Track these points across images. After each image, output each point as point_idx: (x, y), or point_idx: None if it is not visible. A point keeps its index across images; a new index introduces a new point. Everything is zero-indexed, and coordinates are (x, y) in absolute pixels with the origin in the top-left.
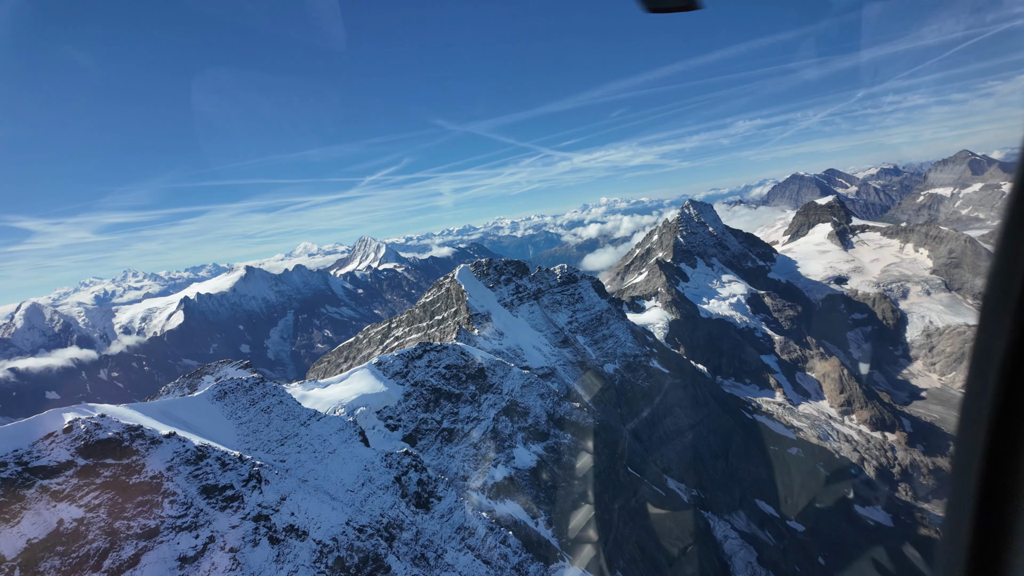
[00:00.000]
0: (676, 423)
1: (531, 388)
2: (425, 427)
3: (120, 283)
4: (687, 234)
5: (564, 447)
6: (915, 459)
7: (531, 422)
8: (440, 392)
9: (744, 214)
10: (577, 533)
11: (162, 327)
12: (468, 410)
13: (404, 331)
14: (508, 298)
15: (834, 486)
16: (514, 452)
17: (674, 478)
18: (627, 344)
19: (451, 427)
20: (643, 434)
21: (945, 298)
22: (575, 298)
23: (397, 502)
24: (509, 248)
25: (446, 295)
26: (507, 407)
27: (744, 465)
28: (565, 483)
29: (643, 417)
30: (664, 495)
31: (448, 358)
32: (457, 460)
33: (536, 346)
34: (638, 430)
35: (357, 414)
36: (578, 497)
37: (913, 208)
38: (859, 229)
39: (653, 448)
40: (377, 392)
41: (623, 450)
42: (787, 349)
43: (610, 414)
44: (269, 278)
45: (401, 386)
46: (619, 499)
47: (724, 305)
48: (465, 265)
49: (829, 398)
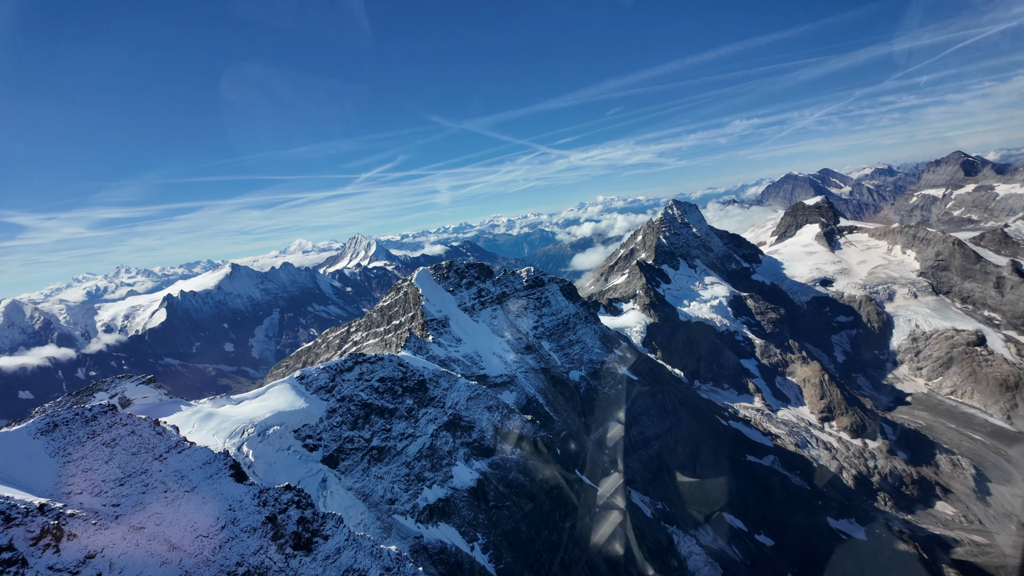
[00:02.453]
0: (643, 432)
1: (478, 400)
2: (350, 446)
3: (112, 279)
4: (670, 235)
5: (511, 463)
6: (896, 468)
7: (475, 437)
8: (371, 407)
9: (736, 214)
10: (520, 556)
11: (144, 325)
12: (403, 426)
13: (362, 336)
14: (469, 302)
15: (807, 497)
16: (453, 471)
17: (638, 491)
18: (595, 350)
19: (381, 445)
20: (607, 444)
21: (932, 301)
22: (542, 302)
23: (265, 546)
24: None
25: (404, 299)
26: (449, 422)
27: (713, 476)
28: (510, 502)
29: (608, 426)
30: (625, 509)
31: (383, 370)
32: (385, 481)
33: (497, 352)
34: (603, 440)
35: (269, 434)
36: (524, 516)
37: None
38: (847, 230)
39: (617, 459)
40: (296, 409)
41: (584, 462)
42: (768, 353)
43: (573, 424)
44: (255, 276)
45: (325, 402)
46: (571, 517)
47: (705, 308)
48: (424, 268)
49: (809, 404)
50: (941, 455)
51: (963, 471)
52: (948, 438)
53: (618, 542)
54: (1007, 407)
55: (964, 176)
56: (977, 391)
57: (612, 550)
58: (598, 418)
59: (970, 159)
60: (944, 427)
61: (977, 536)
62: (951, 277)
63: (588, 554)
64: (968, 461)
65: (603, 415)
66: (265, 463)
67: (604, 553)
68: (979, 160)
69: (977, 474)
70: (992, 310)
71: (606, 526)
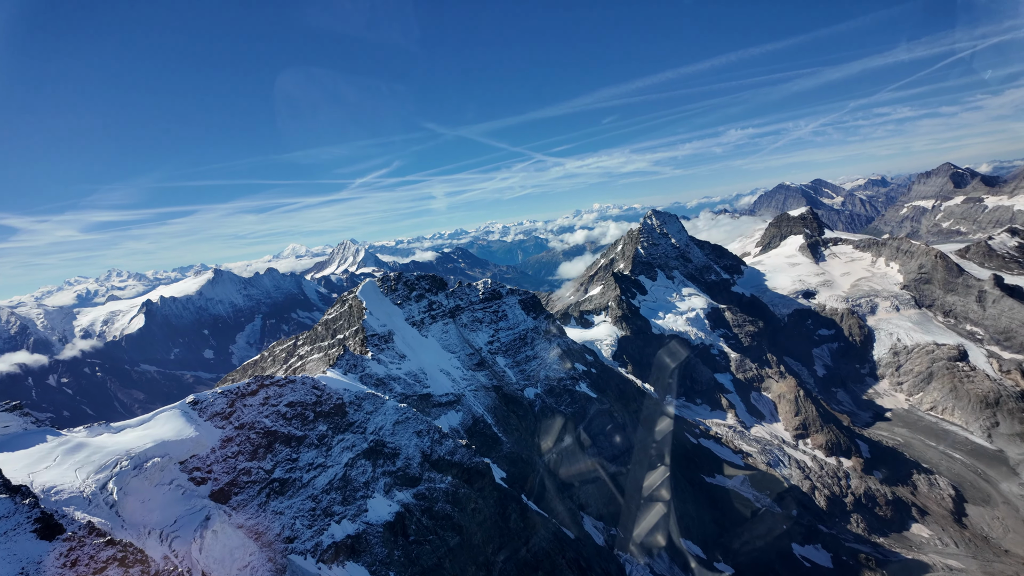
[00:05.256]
0: (599, 453)
1: (406, 425)
2: (246, 479)
3: (104, 282)
4: (648, 245)
5: (439, 493)
6: (871, 488)
7: (400, 465)
8: (275, 435)
9: (727, 223)
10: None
11: (122, 331)
12: (312, 455)
13: (307, 350)
14: (419, 316)
15: (771, 522)
16: (369, 503)
17: (592, 516)
18: (552, 366)
19: (284, 477)
20: (562, 466)
21: (914, 315)
22: (498, 316)
23: None
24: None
25: (349, 312)
26: (369, 449)
27: (672, 500)
28: (434, 536)
29: (563, 447)
30: (572, 538)
31: (293, 394)
32: (286, 517)
33: (445, 369)
34: (556, 462)
35: (148, 467)
36: (448, 551)
37: (896, 220)
38: (832, 242)
39: (571, 483)
40: (184, 438)
41: (532, 486)
42: (743, 367)
43: (524, 445)
44: (238, 281)
45: (220, 429)
46: (506, 549)
47: (681, 320)
48: (372, 279)
49: (784, 420)
50: (919, 474)
51: (940, 491)
52: (927, 456)
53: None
54: (987, 424)
55: (954, 188)
56: (958, 407)
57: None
58: (551, 439)
59: (959, 171)
60: (923, 444)
61: (952, 561)
62: (934, 290)
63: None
64: (946, 481)
65: (557, 435)
66: (137, 501)
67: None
68: (968, 172)
69: (955, 495)
70: (974, 324)
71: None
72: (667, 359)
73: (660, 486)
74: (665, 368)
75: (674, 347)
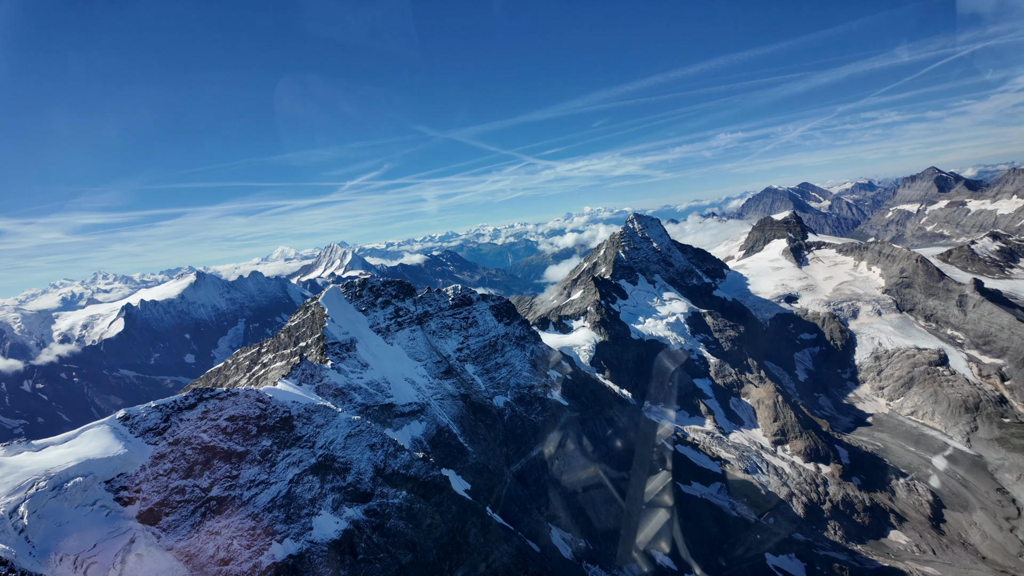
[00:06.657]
0: (569, 463)
1: (359, 438)
2: (179, 498)
3: (89, 285)
4: (629, 249)
5: (392, 509)
6: (849, 494)
7: (350, 481)
8: (214, 451)
9: (713, 227)
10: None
11: (101, 335)
12: (254, 472)
13: (271, 358)
14: (384, 323)
15: (744, 531)
16: (314, 521)
17: (561, 527)
18: (523, 374)
19: (222, 495)
20: (530, 477)
21: (896, 319)
22: (468, 322)
23: None
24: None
25: (311, 319)
26: (318, 464)
27: (643, 509)
28: (385, 554)
29: (532, 457)
30: (537, 551)
31: (235, 407)
32: (222, 538)
33: (410, 378)
34: (524, 472)
35: (68, 487)
36: (399, 570)
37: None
38: (815, 246)
39: (540, 493)
40: (111, 456)
41: (499, 497)
42: (723, 373)
43: (492, 455)
44: (221, 285)
45: (153, 446)
46: (464, 566)
47: (660, 325)
48: (336, 286)
49: (763, 426)
50: (897, 480)
51: (919, 497)
52: (906, 461)
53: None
54: (967, 429)
55: (938, 192)
56: (938, 412)
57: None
58: (520, 448)
59: (944, 175)
60: (903, 449)
61: (929, 568)
62: (915, 294)
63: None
64: (924, 487)
65: (527, 444)
66: (52, 524)
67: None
68: (952, 176)
69: (934, 500)
70: (955, 329)
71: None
72: (645, 364)
73: (635, 495)
74: (644, 373)
75: (653, 352)
